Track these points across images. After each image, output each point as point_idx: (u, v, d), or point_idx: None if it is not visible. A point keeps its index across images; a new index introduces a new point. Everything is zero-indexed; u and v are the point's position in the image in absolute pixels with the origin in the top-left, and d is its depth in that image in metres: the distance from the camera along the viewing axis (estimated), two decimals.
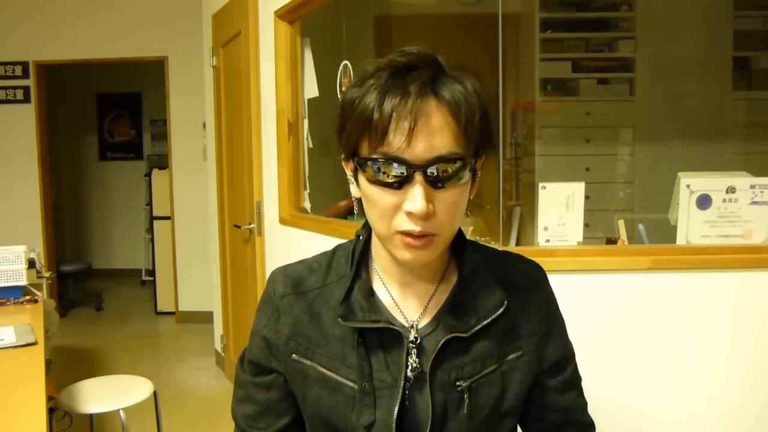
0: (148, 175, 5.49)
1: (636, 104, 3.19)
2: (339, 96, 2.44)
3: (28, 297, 2.61)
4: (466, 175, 0.75)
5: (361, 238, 0.88)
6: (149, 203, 5.42)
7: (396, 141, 0.71)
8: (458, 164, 0.73)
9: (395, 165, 0.72)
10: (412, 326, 0.84)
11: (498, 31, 1.91)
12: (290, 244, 2.67)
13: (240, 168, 3.17)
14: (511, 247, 1.92)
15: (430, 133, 0.71)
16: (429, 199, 0.72)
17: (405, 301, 0.85)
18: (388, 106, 0.71)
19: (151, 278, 5.50)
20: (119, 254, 6.82)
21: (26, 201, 4.90)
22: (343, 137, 0.77)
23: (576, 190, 1.78)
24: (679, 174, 1.74)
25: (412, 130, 0.70)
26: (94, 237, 6.86)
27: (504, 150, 3.09)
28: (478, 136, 0.74)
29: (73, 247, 6.78)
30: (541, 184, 1.80)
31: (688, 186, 1.71)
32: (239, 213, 3.25)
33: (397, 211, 0.74)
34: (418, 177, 0.72)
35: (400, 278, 0.85)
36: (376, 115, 0.71)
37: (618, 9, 3.22)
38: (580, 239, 1.78)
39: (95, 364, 4.01)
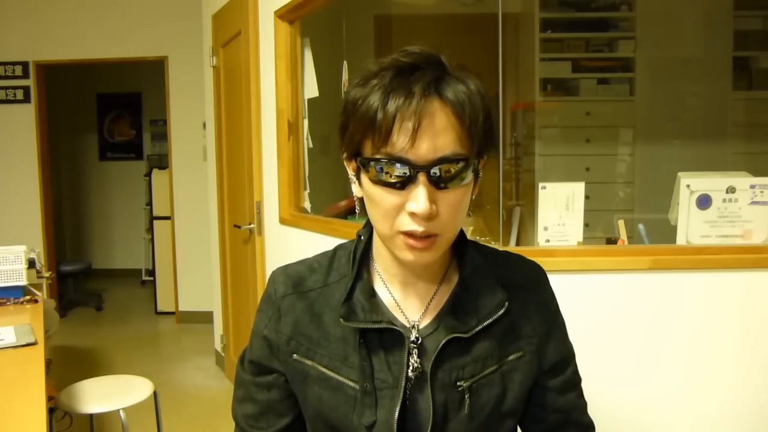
0: (148, 175, 5.49)
1: (636, 104, 3.19)
2: (343, 96, 2.44)
3: (28, 297, 2.60)
4: (469, 176, 0.75)
5: (362, 238, 0.88)
6: (149, 203, 5.41)
7: (399, 141, 0.71)
8: (461, 165, 0.73)
9: (398, 165, 0.72)
10: (413, 326, 0.84)
11: (498, 31, 1.91)
12: (290, 244, 2.67)
13: (240, 168, 3.17)
14: (511, 247, 1.92)
15: (434, 133, 0.71)
16: (432, 200, 0.72)
17: (406, 302, 0.85)
18: (392, 106, 0.71)
19: (151, 278, 5.49)
20: (119, 254, 6.82)
21: (26, 201, 4.89)
22: (346, 137, 0.77)
23: (576, 190, 1.78)
24: (679, 174, 1.74)
25: (416, 131, 0.70)
26: (94, 237, 6.86)
27: (504, 150, 3.09)
28: (481, 136, 0.74)
29: (73, 247, 6.78)
30: (541, 184, 1.80)
31: (688, 186, 1.71)
32: (239, 213, 3.25)
33: (400, 212, 0.74)
34: (422, 177, 0.72)
35: (402, 278, 0.85)
36: (379, 116, 0.71)
37: (618, 9, 3.22)
38: (580, 239, 1.78)
39: (95, 364, 4.01)
